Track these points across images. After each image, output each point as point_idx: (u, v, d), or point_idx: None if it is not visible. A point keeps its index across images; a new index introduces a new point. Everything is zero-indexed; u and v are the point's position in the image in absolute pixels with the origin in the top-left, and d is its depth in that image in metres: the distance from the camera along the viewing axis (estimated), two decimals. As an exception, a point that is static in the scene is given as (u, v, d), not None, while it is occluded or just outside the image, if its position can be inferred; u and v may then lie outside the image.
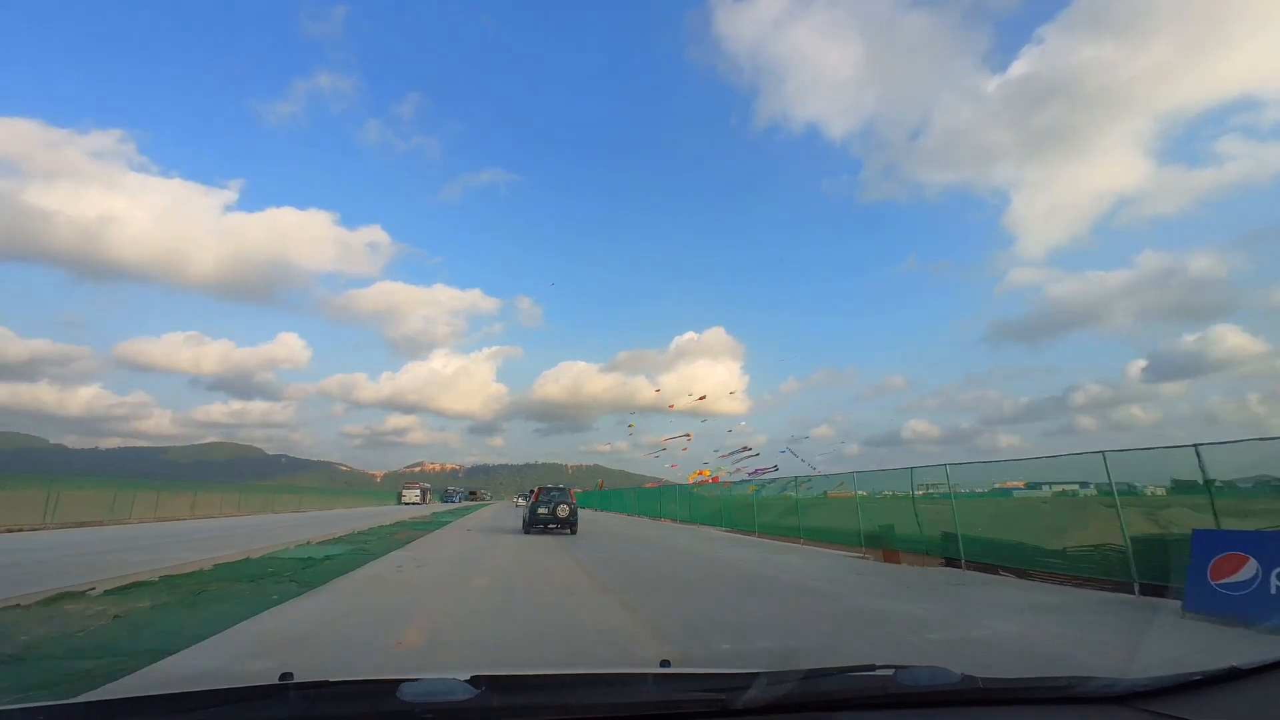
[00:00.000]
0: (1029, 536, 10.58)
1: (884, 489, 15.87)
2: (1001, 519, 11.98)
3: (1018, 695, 1.66)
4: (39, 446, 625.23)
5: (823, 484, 19.04)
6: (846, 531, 15.56)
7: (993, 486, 13.29)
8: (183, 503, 30.03)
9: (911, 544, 12.61)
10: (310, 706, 1.37)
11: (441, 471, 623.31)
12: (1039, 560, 9.92)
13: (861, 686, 1.61)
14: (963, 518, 11.72)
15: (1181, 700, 1.52)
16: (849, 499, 16.88)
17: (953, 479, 12.55)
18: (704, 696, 1.49)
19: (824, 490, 18.96)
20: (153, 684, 3.82)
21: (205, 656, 4.79)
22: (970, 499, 12.72)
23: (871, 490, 16.14)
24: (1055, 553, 9.81)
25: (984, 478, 13.10)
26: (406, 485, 77.90)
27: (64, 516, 21.68)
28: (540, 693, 1.55)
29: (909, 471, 13.78)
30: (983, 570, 10.70)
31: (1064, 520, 10.92)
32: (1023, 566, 10.10)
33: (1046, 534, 10.42)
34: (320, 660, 4.78)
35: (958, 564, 11.31)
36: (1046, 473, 11.96)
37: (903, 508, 13.80)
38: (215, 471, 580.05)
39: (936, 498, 13.17)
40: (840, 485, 17.59)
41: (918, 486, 13.76)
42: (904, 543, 12.80)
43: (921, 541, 12.48)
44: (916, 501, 13.39)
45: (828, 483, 18.72)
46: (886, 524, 13.63)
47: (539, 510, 18.84)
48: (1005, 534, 11.10)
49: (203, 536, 16.71)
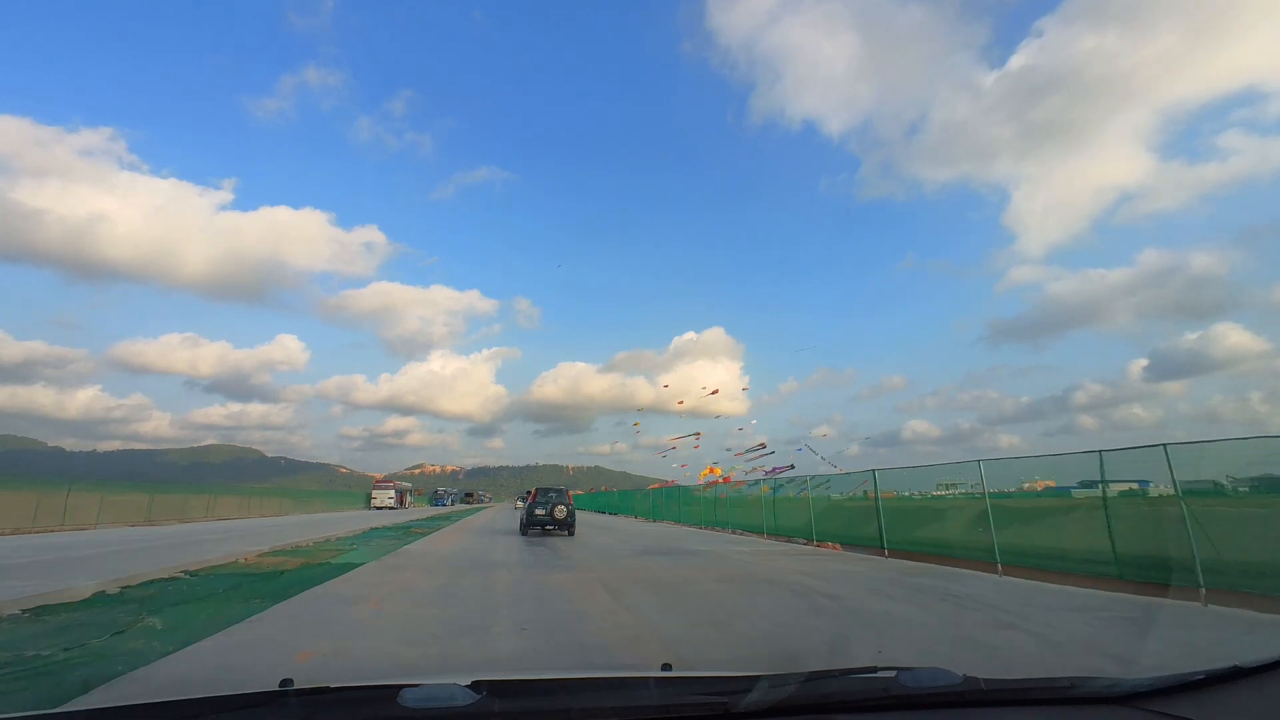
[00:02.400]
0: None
1: (903, 489, 14.85)
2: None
3: (1020, 696, 1.65)
4: (36, 449, 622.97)
5: (843, 483, 17.51)
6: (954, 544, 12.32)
7: (1020, 486, 12.36)
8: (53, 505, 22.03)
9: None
10: (311, 713, 1.37)
11: (442, 473, 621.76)
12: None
13: (863, 688, 1.60)
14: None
15: (1185, 700, 1.51)
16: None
17: (968, 477, 11.51)
18: (706, 700, 1.49)
19: (852, 490, 16.70)
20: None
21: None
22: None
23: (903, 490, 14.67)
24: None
25: (1014, 475, 11.97)
26: (378, 485, 61.12)
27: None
28: (541, 697, 1.56)
29: (929, 469, 12.87)
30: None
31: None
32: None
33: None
34: None
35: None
36: (1085, 470, 10.16)
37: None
38: (213, 474, 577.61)
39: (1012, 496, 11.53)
40: (864, 485, 16.02)
41: (937, 487, 13.10)
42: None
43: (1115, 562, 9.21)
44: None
45: (849, 481, 17.18)
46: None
47: (536, 511, 18.36)
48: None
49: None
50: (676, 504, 32.22)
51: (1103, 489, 9.70)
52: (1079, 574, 9.39)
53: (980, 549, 11.07)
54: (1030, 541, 10.77)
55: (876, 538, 14.03)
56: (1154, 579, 8.37)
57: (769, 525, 20.40)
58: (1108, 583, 8.90)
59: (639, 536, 20.20)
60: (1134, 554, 8.97)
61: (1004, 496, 11.59)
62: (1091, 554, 9.56)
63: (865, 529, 14.91)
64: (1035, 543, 10.67)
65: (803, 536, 17.65)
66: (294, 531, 20.96)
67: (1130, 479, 9.67)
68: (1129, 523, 9.36)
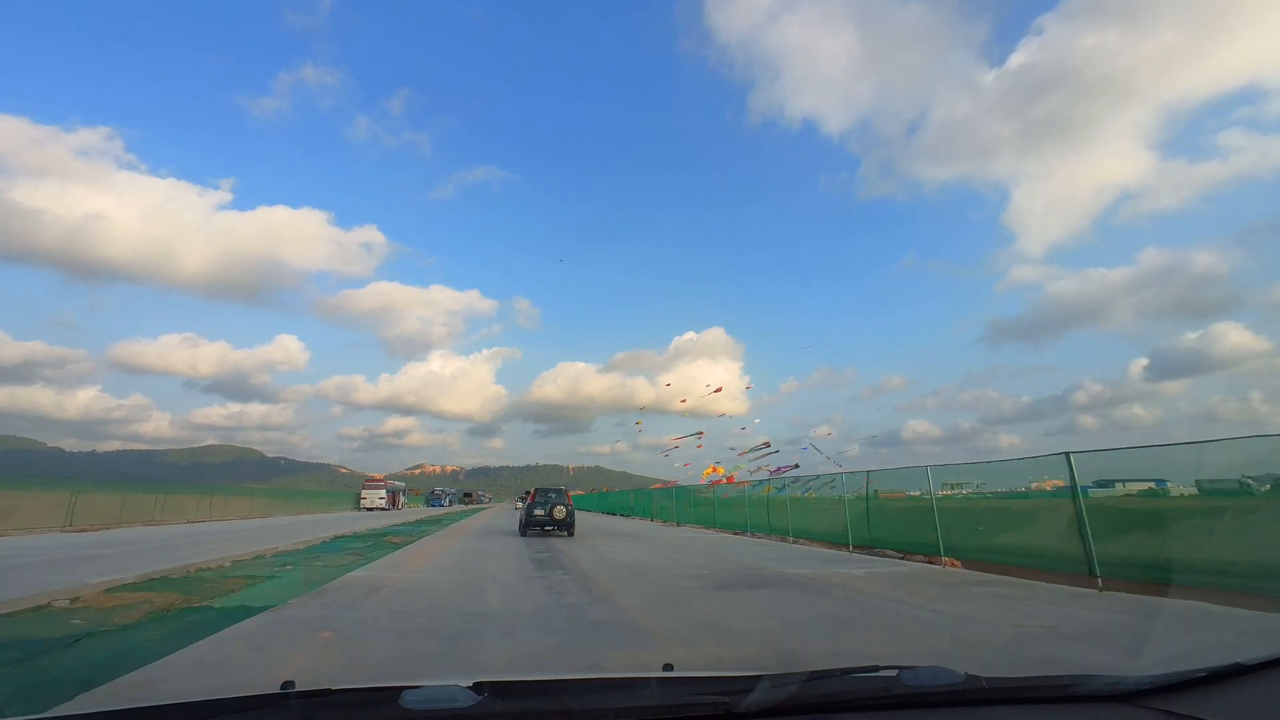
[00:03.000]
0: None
1: (902, 488, 14.42)
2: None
3: (1022, 694, 1.63)
4: (35, 449, 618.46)
5: (851, 483, 16.07)
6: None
7: (1029, 486, 11.73)
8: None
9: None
10: (312, 714, 1.36)
11: (442, 474, 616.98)
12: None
13: (865, 688, 1.58)
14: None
15: (1187, 697, 1.50)
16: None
17: (967, 477, 12.19)
18: (707, 700, 1.47)
19: (857, 489, 15.42)
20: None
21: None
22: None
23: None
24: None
25: (1020, 476, 11.67)
26: (367, 484, 54.31)
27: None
28: (543, 698, 1.55)
29: (924, 470, 12.56)
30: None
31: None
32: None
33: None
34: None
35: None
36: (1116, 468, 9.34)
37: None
38: (213, 474, 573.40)
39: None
40: (873, 483, 15.34)
41: (940, 486, 12.78)
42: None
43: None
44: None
45: (854, 481, 15.93)
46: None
47: (535, 512, 17.75)
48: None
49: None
50: (710, 507, 27.12)
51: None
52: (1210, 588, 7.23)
53: (1067, 559, 9.21)
54: (1137, 550, 8.56)
55: (933, 544, 11.91)
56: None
57: (795, 528, 18.19)
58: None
59: (686, 550, 14.89)
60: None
61: (1081, 494, 9.29)
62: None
63: (918, 534, 12.71)
64: (1143, 551, 8.49)
65: (834, 540, 15.97)
66: (239, 541, 15.80)
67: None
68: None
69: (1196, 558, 7.75)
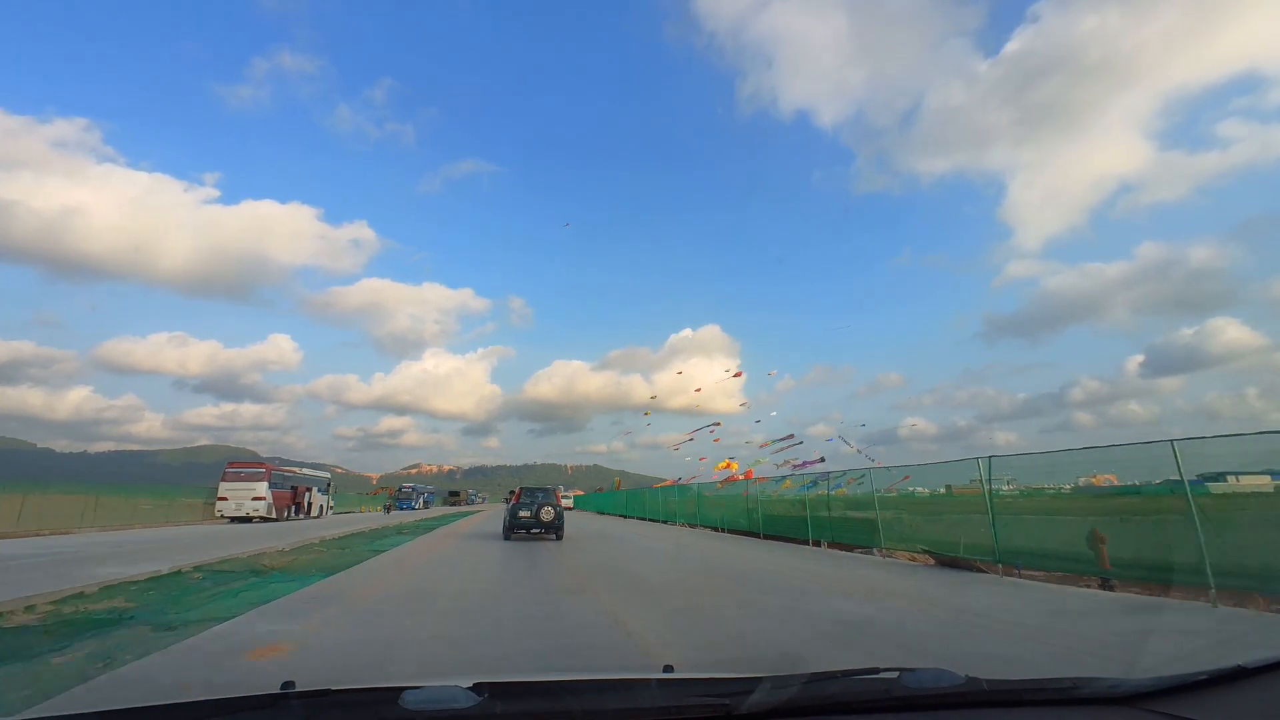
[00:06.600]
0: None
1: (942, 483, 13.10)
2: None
3: (1023, 697, 1.61)
4: (24, 450, 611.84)
5: (883, 478, 14.24)
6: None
7: (1076, 483, 10.49)
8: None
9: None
10: (312, 714, 1.36)
11: (439, 473, 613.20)
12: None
13: (866, 689, 1.57)
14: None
15: (1187, 700, 1.48)
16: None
17: (999, 471, 10.05)
18: (708, 701, 1.46)
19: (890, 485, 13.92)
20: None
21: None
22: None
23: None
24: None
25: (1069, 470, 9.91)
26: (231, 470, 28.44)
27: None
28: (543, 699, 1.54)
29: (974, 462, 10.48)
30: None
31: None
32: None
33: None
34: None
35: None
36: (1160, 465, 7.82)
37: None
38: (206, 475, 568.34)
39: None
40: (905, 479, 14.08)
41: (969, 483, 11.14)
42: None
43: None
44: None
45: (888, 476, 14.28)
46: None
47: (520, 513, 16.88)
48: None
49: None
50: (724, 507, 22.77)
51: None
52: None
53: (1185, 568, 7.30)
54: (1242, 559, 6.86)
55: (989, 549, 9.97)
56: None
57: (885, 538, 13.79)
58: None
59: (824, 603, 9.15)
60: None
61: (1160, 492, 8.21)
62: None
63: (970, 537, 10.53)
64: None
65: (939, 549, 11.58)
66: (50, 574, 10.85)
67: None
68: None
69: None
